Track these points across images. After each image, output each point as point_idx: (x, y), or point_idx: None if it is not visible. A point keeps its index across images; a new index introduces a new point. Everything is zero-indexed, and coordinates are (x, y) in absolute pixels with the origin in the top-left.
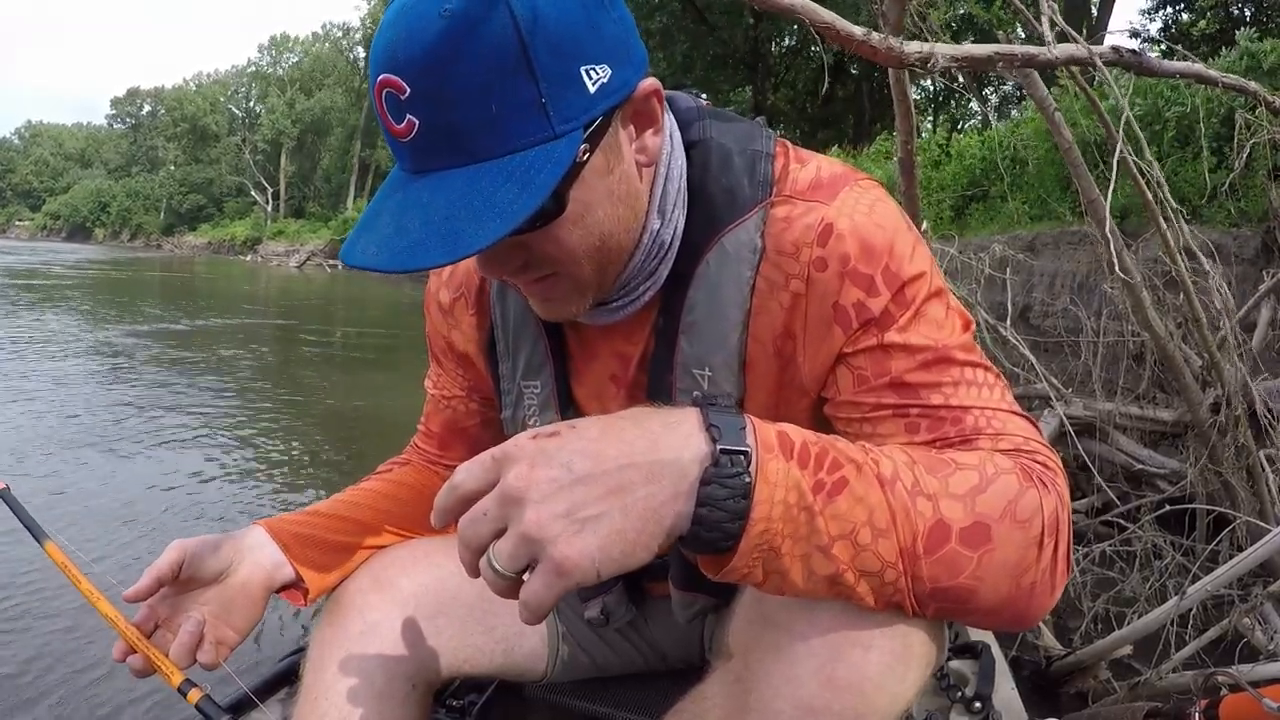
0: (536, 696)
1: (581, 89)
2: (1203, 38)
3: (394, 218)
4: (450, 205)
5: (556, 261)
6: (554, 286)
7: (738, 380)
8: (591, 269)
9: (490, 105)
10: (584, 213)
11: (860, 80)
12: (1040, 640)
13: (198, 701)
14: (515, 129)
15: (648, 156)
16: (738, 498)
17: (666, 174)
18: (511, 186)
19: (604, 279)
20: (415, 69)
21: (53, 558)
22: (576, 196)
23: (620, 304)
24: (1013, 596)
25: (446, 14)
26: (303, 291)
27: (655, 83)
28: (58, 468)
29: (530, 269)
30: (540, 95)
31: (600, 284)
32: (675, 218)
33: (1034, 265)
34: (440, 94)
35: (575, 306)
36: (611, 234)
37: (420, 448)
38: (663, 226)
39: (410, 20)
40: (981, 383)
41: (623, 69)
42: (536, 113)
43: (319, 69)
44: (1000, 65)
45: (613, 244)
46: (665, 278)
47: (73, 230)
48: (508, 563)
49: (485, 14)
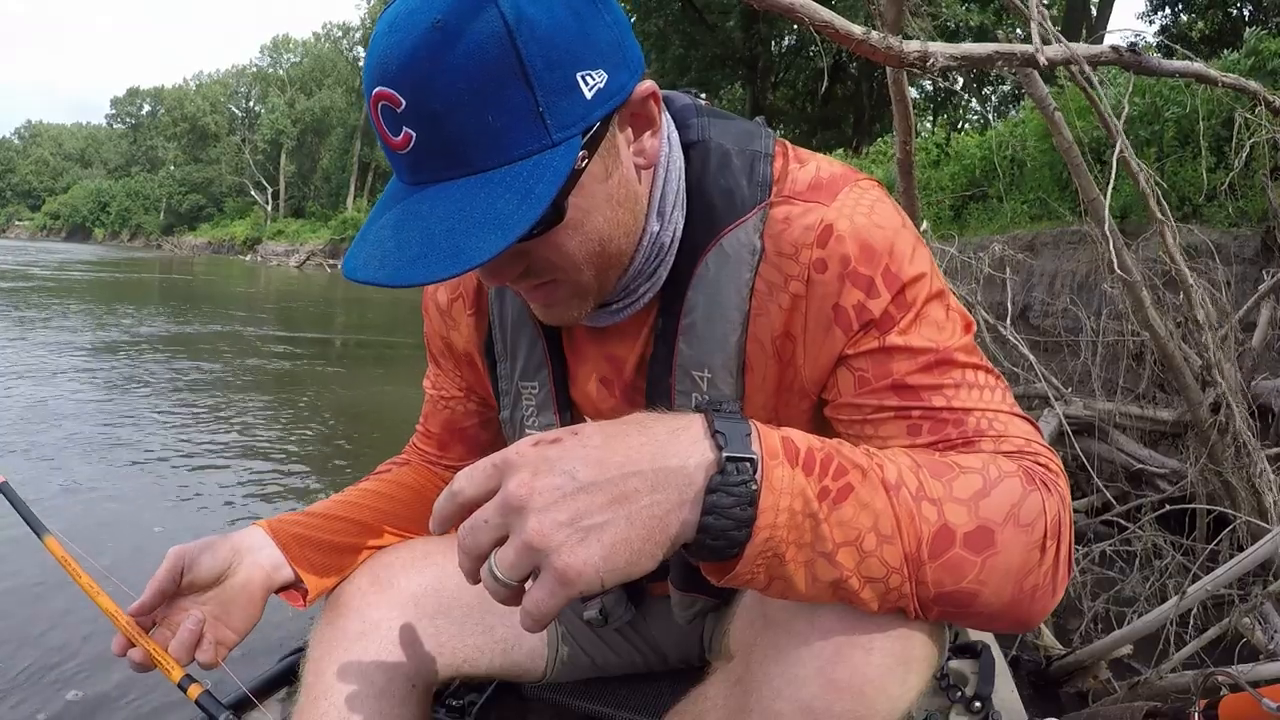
0: (536, 696)
1: (578, 95)
2: (1202, 38)
3: (394, 231)
4: (450, 218)
5: (556, 268)
6: (554, 292)
7: (736, 382)
8: (592, 274)
9: (487, 116)
10: (583, 219)
11: (860, 80)
12: (1040, 640)
13: (198, 697)
14: (513, 139)
15: (646, 159)
16: (743, 505)
17: (665, 175)
18: (511, 197)
19: (604, 283)
20: (409, 82)
21: (52, 552)
22: (576, 203)
23: (620, 306)
24: (1015, 599)
25: (439, 25)
26: (303, 292)
27: (652, 85)
28: (57, 462)
29: (531, 275)
30: (537, 104)
31: (601, 288)
32: (674, 219)
33: (1034, 265)
34: (436, 106)
35: (577, 311)
36: (611, 238)
37: (419, 448)
38: (662, 229)
39: (402, 33)
40: (983, 385)
41: (619, 73)
42: (534, 122)
43: (319, 69)
44: (999, 64)
45: (612, 248)
46: (664, 279)
47: (72, 230)
48: (510, 571)
49: (477, 24)
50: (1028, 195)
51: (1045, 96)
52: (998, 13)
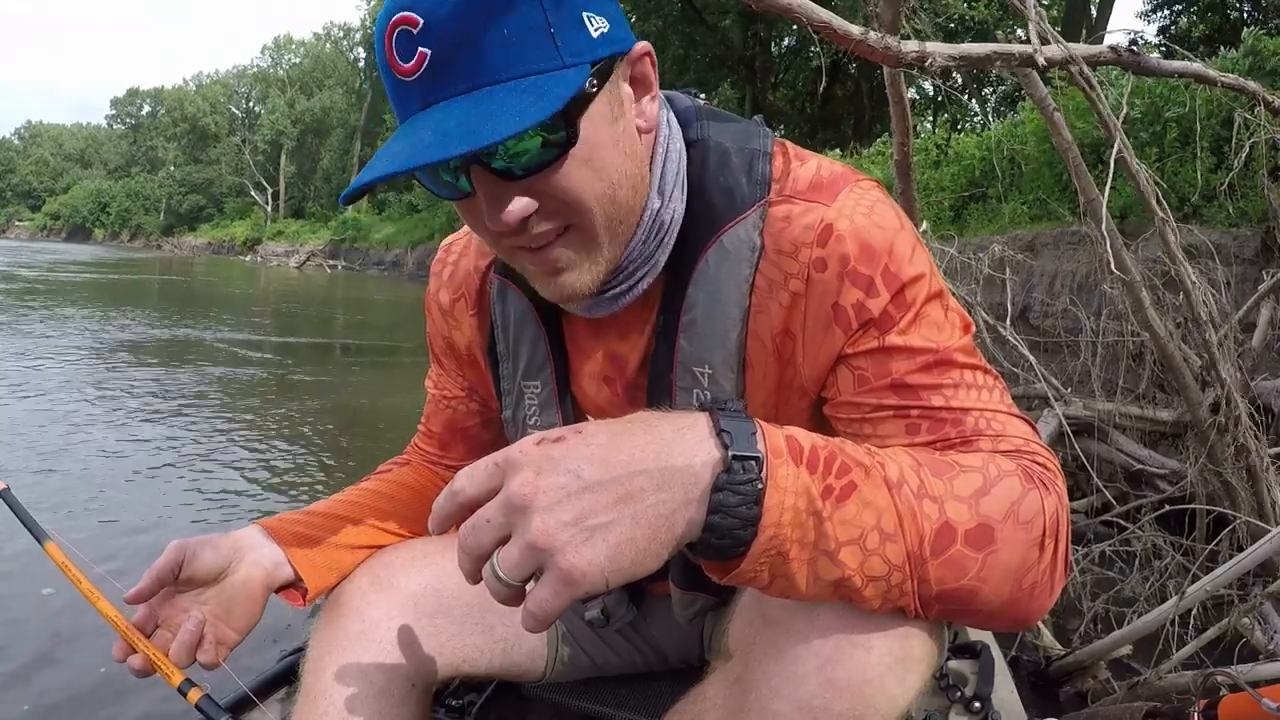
0: (536, 696)
1: (585, 30)
2: (1201, 39)
3: (404, 139)
4: (464, 115)
5: (569, 209)
6: (564, 248)
7: (737, 378)
8: (603, 221)
9: (503, 29)
10: (592, 154)
11: (859, 80)
12: (1040, 640)
13: (198, 701)
14: (526, 54)
15: (647, 121)
16: (749, 504)
17: (665, 154)
18: (526, 97)
19: (614, 240)
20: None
21: (53, 558)
22: (586, 135)
23: (619, 290)
24: (1014, 597)
25: None
26: (302, 293)
27: (648, 45)
28: (57, 469)
29: (543, 222)
30: (549, 24)
31: (610, 247)
32: (675, 199)
33: (1033, 265)
34: (454, 20)
35: (588, 277)
36: (619, 185)
37: (420, 448)
38: (662, 207)
39: None
40: (981, 385)
41: (618, 28)
42: (545, 39)
43: (320, 69)
44: (998, 64)
45: (621, 198)
46: (663, 266)
47: (72, 230)
48: (513, 571)
49: None
50: (1027, 196)
51: (1045, 97)
52: (1000, 8)
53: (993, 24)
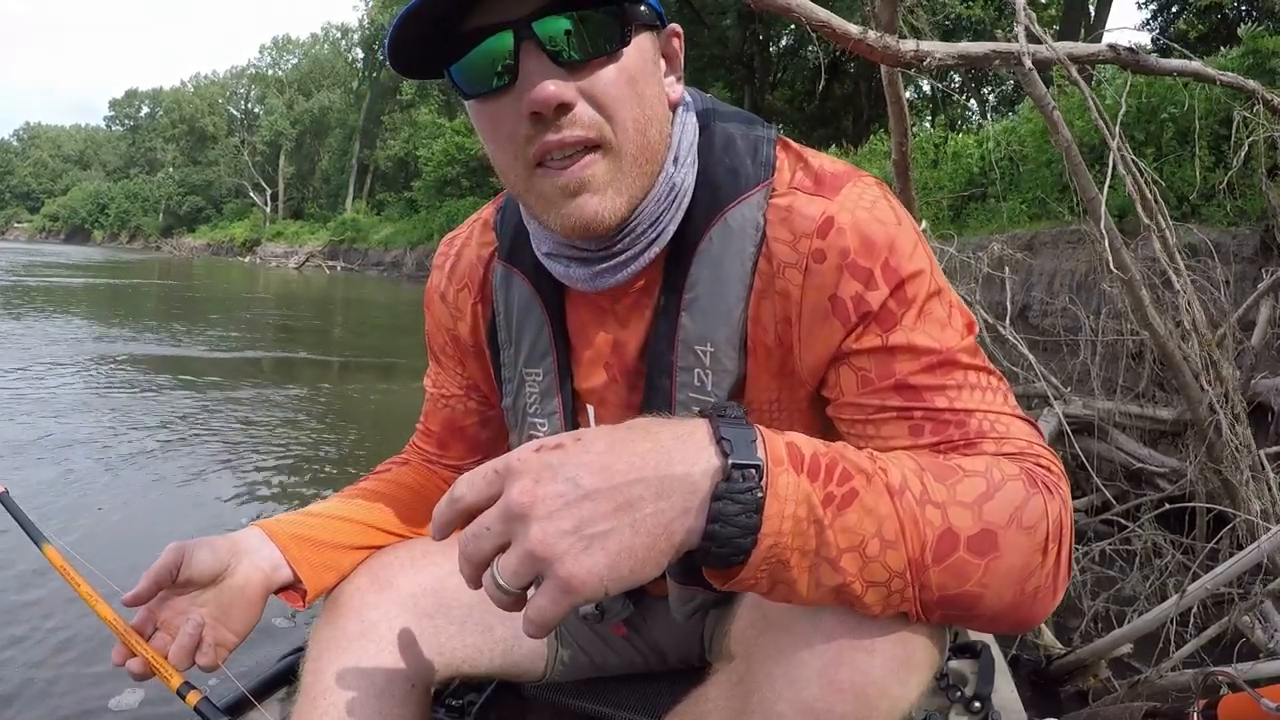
0: (536, 696)
1: None
2: (1200, 39)
3: None
4: None
5: (605, 114)
6: (590, 168)
7: (739, 358)
8: (631, 149)
9: None
10: (636, 75)
11: (858, 79)
12: (1040, 639)
13: (197, 704)
14: None
15: (673, 97)
16: (749, 513)
17: (682, 129)
18: None
19: (638, 176)
20: None
21: (51, 561)
22: (630, 58)
23: (625, 256)
24: (1017, 602)
25: None
26: (302, 293)
27: (679, 28)
28: (56, 472)
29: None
30: None
31: (633, 181)
32: (686, 170)
33: (1033, 264)
34: None
35: (607, 204)
36: (652, 121)
37: (419, 447)
38: (676, 172)
39: None
40: (985, 386)
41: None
42: None
43: (318, 70)
44: (996, 63)
45: (650, 137)
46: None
47: (71, 232)
48: (513, 579)
49: None
50: (1026, 195)
51: (1044, 96)
52: (998, 7)
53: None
